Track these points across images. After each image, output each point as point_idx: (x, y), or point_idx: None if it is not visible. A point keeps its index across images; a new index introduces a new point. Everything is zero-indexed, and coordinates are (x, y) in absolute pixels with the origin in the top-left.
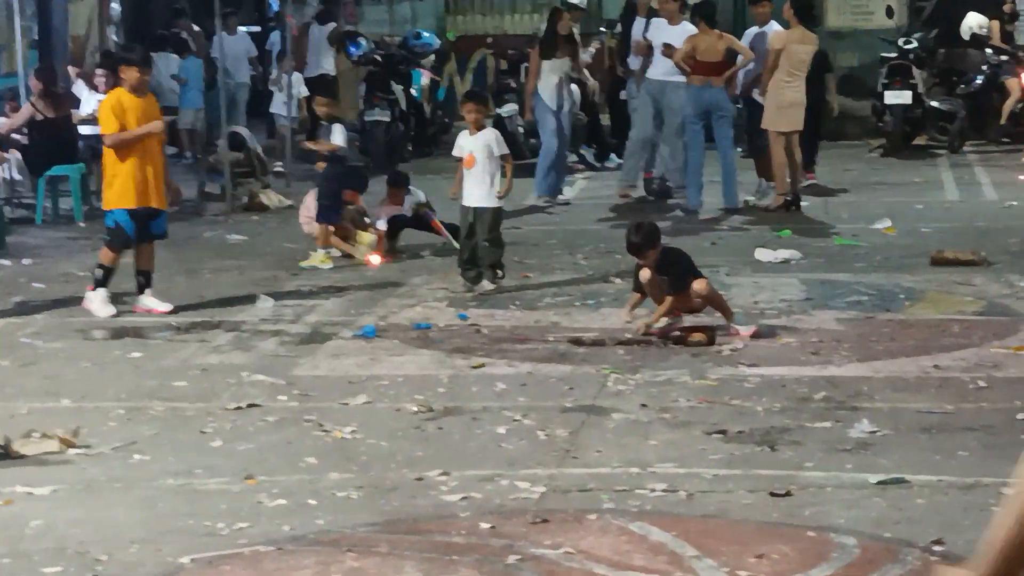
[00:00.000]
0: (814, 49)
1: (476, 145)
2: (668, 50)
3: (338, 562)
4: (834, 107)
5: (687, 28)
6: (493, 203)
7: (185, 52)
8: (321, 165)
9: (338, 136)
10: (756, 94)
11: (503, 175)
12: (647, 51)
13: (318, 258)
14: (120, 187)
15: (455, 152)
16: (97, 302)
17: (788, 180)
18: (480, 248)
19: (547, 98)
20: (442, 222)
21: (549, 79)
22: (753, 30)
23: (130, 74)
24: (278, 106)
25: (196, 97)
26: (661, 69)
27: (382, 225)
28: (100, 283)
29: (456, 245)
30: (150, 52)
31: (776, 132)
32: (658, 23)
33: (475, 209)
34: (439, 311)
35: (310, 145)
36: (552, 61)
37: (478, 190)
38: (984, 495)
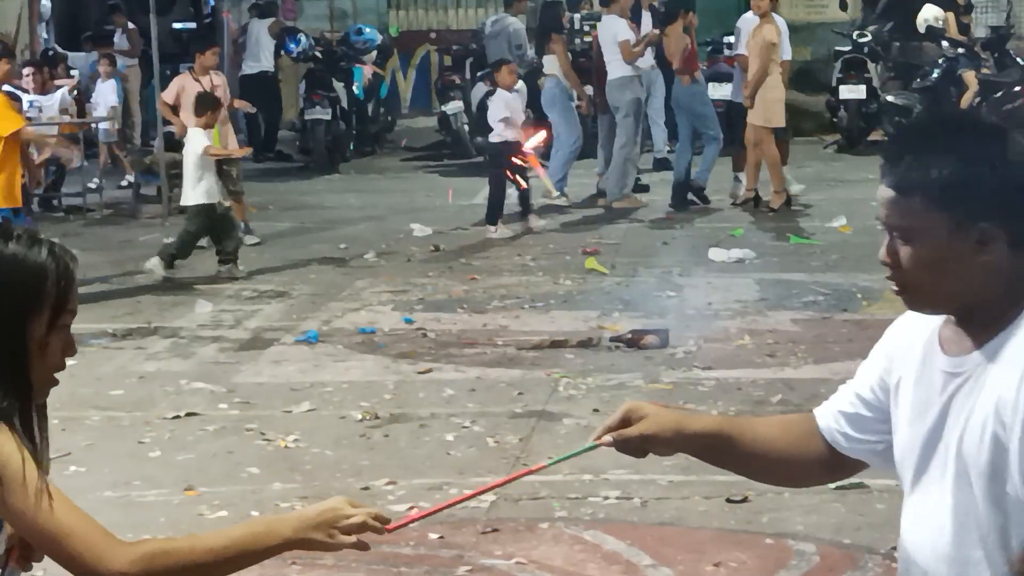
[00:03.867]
0: None
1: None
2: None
3: (283, 575)
4: None
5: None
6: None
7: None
8: None
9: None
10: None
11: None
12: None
13: None
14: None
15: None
16: None
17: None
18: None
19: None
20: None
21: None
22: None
23: (2, 67)
24: None
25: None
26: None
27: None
28: None
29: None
30: (83, 51)
31: (768, 128)
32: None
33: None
34: (384, 315)
35: None
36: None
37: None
38: None
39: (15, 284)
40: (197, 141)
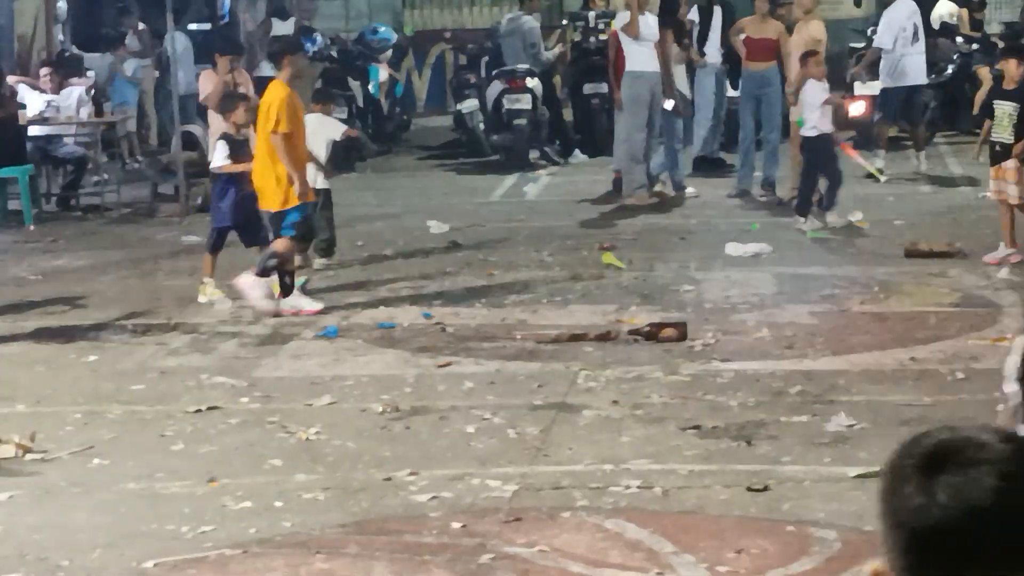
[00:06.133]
0: None
1: None
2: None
3: (307, 564)
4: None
5: None
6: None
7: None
8: None
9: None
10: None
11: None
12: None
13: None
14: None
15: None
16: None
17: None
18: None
19: None
20: None
21: None
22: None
23: (300, 61)
24: None
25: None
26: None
27: None
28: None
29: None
30: (98, 52)
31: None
32: None
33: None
34: (402, 310)
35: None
36: None
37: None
38: None
39: None
40: (333, 126)
